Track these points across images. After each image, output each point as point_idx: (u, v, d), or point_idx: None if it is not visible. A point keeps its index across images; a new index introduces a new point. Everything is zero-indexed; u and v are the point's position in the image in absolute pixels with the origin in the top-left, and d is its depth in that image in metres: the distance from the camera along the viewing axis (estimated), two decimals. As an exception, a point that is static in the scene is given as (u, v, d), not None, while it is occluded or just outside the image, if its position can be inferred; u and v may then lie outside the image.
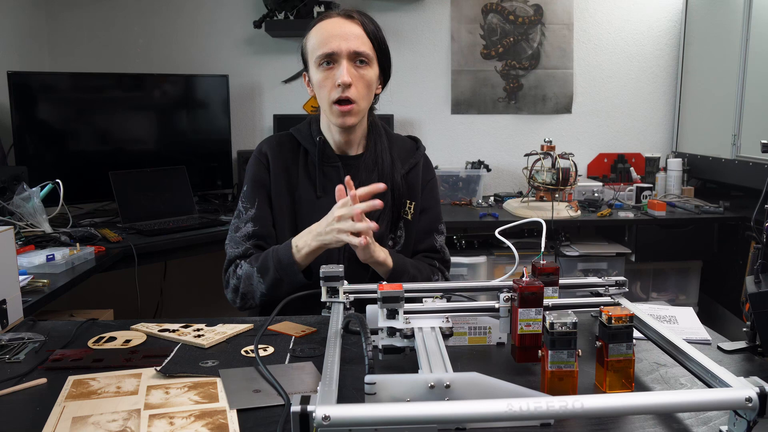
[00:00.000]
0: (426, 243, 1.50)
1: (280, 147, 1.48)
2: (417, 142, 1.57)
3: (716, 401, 0.72)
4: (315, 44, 1.36)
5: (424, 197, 1.52)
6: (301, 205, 1.44)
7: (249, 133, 3.28)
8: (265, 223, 1.44)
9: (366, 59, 1.35)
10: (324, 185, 1.44)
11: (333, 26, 1.35)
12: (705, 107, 3.12)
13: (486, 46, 3.29)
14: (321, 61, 1.35)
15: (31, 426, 0.81)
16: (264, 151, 1.47)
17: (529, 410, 0.68)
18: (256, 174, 1.47)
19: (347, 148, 1.47)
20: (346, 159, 1.47)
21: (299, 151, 1.48)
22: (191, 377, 0.95)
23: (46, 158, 2.64)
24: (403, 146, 1.53)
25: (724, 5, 2.94)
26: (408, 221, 1.48)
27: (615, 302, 1.09)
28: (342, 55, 1.33)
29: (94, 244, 2.10)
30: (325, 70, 1.35)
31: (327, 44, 1.33)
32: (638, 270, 2.88)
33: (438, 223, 1.54)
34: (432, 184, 1.54)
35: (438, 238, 1.53)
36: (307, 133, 1.49)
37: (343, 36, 1.33)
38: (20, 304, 1.25)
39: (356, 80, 1.34)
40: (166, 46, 3.20)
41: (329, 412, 0.66)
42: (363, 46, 1.35)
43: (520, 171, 3.10)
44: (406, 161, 1.50)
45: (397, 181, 1.45)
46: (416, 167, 1.51)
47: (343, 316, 1.04)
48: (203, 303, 3.13)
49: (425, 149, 1.57)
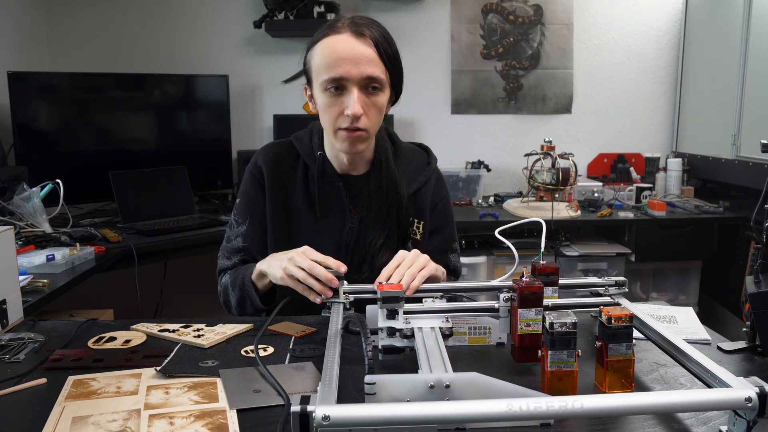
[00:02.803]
0: (440, 263, 1.31)
1: (276, 160, 1.36)
2: (428, 155, 1.44)
3: (716, 401, 0.73)
4: (321, 65, 1.20)
5: (436, 216, 1.41)
6: (299, 224, 1.33)
7: (249, 133, 3.28)
8: (255, 241, 1.36)
9: (379, 84, 1.21)
10: (324, 205, 1.33)
11: (342, 47, 1.18)
12: (705, 107, 3.12)
13: (486, 46, 3.29)
14: (328, 86, 1.20)
15: (31, 426, 0.81)
16: (259, 165, 1.35)
17: (529, 410, 0.68)
18: (249, 190, 1.37)
19: (351, 168, 1.35)
20: (348, 178, 1.34)
21: (298, 163, 1.36)
22: (191, 377, 0.95)
23: (46, 158, 2.64)
24: (412, 160, 1.40)
25: (724, 5, 2.94)
26: (417, 241, 1.36)
27: (615, 302, 1.09)
28: (352, 82, 1.18)
29: (94, 244, 2.10)
30: (332, 96, 1.20)
31: (335, 68, 1.18)
32: (638, 270, 2.88)
33: (452, 242, 1.44)
34: (444, 202, 1.43)
35: (452, 257, 1.43)
36: (308, 146, 1.36)
37: (353, 60, 1.18)
38: (20, 304, 1.25)
39: (367, 108, 1.20)
40: (166, 46, 3.20)
41: (329, 412, 0.66)
42: (376, 70, 1.20)
43: (520, 171, 3.10)
44: (414, 179, 1.38)
45: (404, 201, 1.33)
46: (426, 185, 1.39)
47: (343, 316, 1.04)
48: (203, 303, 3.13)
49: (437, 161, 1.44)
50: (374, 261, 1.30)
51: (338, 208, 1.33)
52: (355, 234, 1.32)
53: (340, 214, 1.33)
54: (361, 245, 1.32)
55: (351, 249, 1.32)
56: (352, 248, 1.32)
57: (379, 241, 1.31)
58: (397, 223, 1.34)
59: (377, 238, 1.31)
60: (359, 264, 1.32)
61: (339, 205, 1.33)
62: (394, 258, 1.16)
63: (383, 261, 1.23)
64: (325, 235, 1.32)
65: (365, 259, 1.32)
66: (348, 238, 1.32)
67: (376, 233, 1.31)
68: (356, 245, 1.32)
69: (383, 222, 1.32)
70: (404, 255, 1.16)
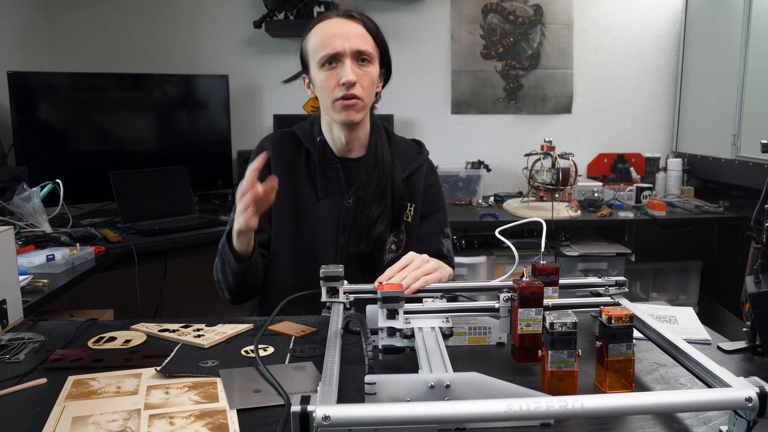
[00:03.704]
0: (433, 247, 1.46)
1: (282, 145, 1.47)
2: (421, 146, 1.55)
3: (716, 401, 0.73)
4: (316, 45, 1.35)
5: (429, 200, 1.50)
6: (303, 206, 1.43)
7: (249, 133, 3.28)
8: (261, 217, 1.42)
9: (368, 57, 1.35)
10: (324, 187, 1.43)
11: (334, 26, 1.35)
12: (705, 107, 3.12)
13: (486, 46, 3.29)
14: (324, 62, 1.34)
15: (31, 426, 0.81)
16: (265, 148, 1.46)
17: (529, 410, 0.68)
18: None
19: (348, 150, 1.45)
20: (346, 161, 1.45)
21: (300, 150, 1.47)
22: (191, 377, 0.95)
23: (46, 158, 2.64)
24: (405, 149, 1.52)
25: (724, 5, 2.94)
26: (409, 224, 1.46)
27: (615, 302, 1.09)
28: (345, 55, 1.32)
29: (94, 244, 2.10)
30: (328, 70, 1.34)
31: (329, 44, 1.32)
32: (638, 270, 2.88)
33: (444, 226, 1.52)
34: (436, 188, 1.53)
35: (445, 242, 1.51)
36: (309, 133, 1.48)
37: (345, 36, 1.33)
38: (20, 304, 1.25)
39: (360, 78, 1.33)
40: (166, 46, 3.20)
41: (329, 412, 0.66)
42: (365, 44, 1.34)
43: (520, 171, 3.10)
44: (408, 165, 1.49)
45: (397, 182, 1.44)
46: (419, 171, 1.50)
47: (343, 316, 1.04)
48: (203, 303, 3.12)
49: (428, 153, 1.55)
50: (370, 234, 1.40)
51: (337, 189, 1.44)
52: (352, 212, 1.42)
53: (339, 194, 1.44)
54: (358, 222, 1.42)
55: (349, 226, 1.42)
56: (351, 226, 1.42)
57: (375, 213, 1.40)
58: (392, 200, 1.43)
59: (373, 212, 1.40)
60: (357, 239, 1.42)
61: (338, 185, 1.44)
62: (401, 259, 1.20)
63: (378, 233, 1.39)
64: (325, 214, 1.42)
65: (362, 234, 1.41)
66: (346, 216, 1.43)
67: (372, 208, 1.41)
68: (354, 222, 1.42)
69: (379, 198, 1.42)
70: (412, 257, 1.20)
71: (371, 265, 1.41)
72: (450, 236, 1.54)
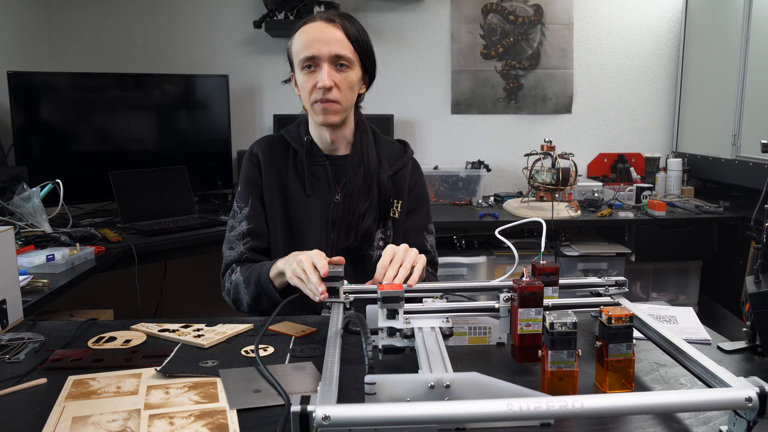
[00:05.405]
0: (417, 242, 1.49)
1: (270, 147, 1.52)
2: (406, 146, 1.59)
3: (716, 401, 0.73)
4: (298, 48, 1.39)
5: (414, 197, 1.54)
6: (292, 203, 1.47)
7: (249, 133, 3.28)
8: (259, 220, 1.47)
9: (347, 62, 1.38)
10: (312, 184, 1.47)
11: (315, 31, 1.38)
12: (705, 107, 3.12)
13: (486, 46, 3.29)
14: (304, 65, 1.38)
15: (31, 426, 0.81)
16: (255, 152, 1.51)
17: (529, 410, 0.68)
18: (248, 174, 1.50)
19: (335, 149, 1.50)
20: (333, 159, 1.49)
21: (289, 151, 1.51)
22: (191, 377, 0.95)
23: (46, 158, 2.64)
24: (391, 149, 1.56)
25: (724, 5, 2.94)
26: (396, 220, 1.50)
27: (615, 302, 1.09)
28: (323, 59, 1.36)
29: (94, 244, 2.10)
30: (308, 73, 1.38)
31: (309, 48, 1.36)
32: (638, 270, 2.88)
33: (428, 222, 1.56)
34: (421, 185, 1.57)
35: (428, 237, 1.55)
36: (296, 134, 1.52)
37: (323, 40, 1.36)
38: (20, 304, 1.25)
39: (338, 82, 1.37)
40: (166, 46, 3.20)
41: (329, 412, 0.66)
42: (344, 49, 1.37)
43: (520, 171, 3.10)
44: (394, 163, 1.52)
45: (383, 179, 1.47)
46: (404, 169, 1.53)
47: (343, 316, 1.04)
48: (203, 303, 3.13)
49: (413, 153, 1.59)
50: (358, 228, 1.43)
51: (325, 185, 1.48)
52: (340, 208, 1.46)
53: (327, 190, 1.47)
54: (346, 218, 1.45)
55: (338, 222, 1.46)
56: (339, 221, 1.46)
57: (362, 208, 1.43)
58: (378, 195, 1.46)
59: (360, 207, 1.44)
60: (346, 234, 1.45)
61: (326, 182, 1.48)
62: (384, 253, 1.20)
63: (366, 227, 1.42)
64: (314, 210, 1.46)
65: (351, 229, 1.44)
66: (334, 212, 1.46)
67: (359, 203, 1.44)
68: (342, 218, 1.46)
69: (365, 193, 1.45)
70: (394, 249, 1.21)
71: (361, 261, 1.44)
72: (433, 232, 1.57)
